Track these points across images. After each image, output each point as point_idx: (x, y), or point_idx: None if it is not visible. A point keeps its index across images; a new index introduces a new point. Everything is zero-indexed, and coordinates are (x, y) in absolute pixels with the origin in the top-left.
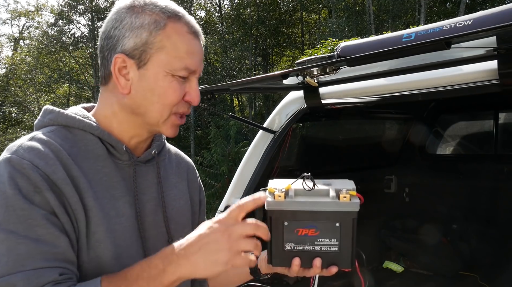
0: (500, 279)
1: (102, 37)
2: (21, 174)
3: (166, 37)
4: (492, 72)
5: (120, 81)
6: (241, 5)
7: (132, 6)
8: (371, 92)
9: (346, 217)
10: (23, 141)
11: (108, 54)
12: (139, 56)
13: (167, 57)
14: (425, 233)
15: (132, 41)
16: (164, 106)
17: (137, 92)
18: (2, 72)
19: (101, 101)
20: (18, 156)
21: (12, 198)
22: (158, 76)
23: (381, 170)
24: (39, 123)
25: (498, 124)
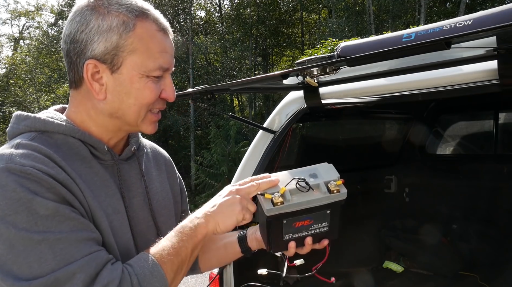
0: (500, 279)
1: (67, 40)
2: (28, 179)
3: (137, 38)
4: (492, 72)
5: (94, 87)
6: (241, 5)
7: (95, 7)
8: (371, 92)
9: (336, 205)
10: (10, 150)
11: (76, 58)
12: (111, 61)
13: (140, 58)
14: (425, 233)
15: (102, 45)
16: (141, 107)
17: (113, 97)
18: (2, 72)
19: (74, 105)
20: (17, 164)
21: (31, 202)
22: (133, 79)
23: (381, 170)
24: (13, 130)
25: (498, 124)
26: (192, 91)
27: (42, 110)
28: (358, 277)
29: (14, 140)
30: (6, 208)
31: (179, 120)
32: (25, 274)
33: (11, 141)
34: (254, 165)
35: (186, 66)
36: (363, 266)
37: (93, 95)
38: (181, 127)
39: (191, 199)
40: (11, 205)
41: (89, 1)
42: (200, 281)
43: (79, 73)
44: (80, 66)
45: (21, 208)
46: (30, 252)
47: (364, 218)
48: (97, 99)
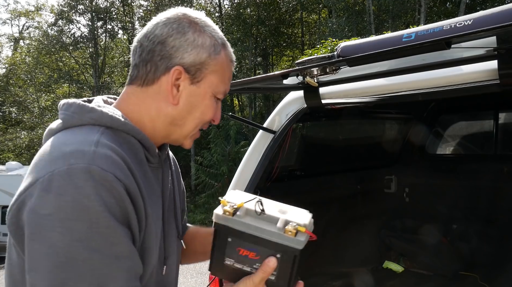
0: (500, 279)
1: (154, 40)
2: (106, 188)
3: (219, 62)
4: (492, 72)
5: (173, 92)
6: (241, 5)
7: (193, 22)
8: (371, 92)
9: (287, 251)
10: (92, 148)
11: (160, 59)
12: (194, 73)
13: (217, 80)
14: (425, 233)
15: (192, 57)
16: (201, 122)
17: (184, 105)
18: (2, 72)
19: (134, 103)
20: (99, 167)
21: (98, 215)
22: (206, 95)
23: (381, 170)
24: (74, 120)
25: (498, 124)
26: None
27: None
28: (358, 277)
29: (87, 133)
30: (70, 211)
31: None
32: (57, 284)
33: (81, 133)
34: (254, 165)
35: None
36: (363, 266)
37: (168, 98)
38: None
39: (191, 199)
40: (77, 211)
41: (187, 15)
42: (200, 281)
43: (156, 73)
44: (161, 67)
45: (85, 217)
46: (72, 266)
47: (364, 218)
48: (171, 103)
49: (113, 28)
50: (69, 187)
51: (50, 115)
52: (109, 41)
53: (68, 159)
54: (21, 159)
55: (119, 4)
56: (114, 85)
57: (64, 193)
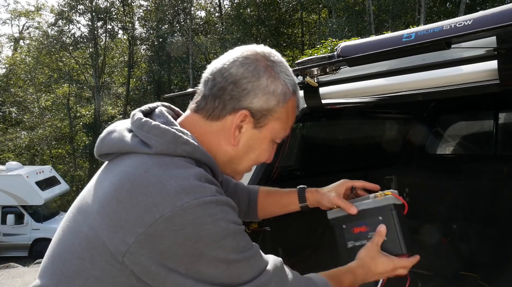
0: (500, 279)
1: (228, 78)
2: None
3: (285, 110)
4: (492, 72)
5: (235, 134)
6: (241, 5)
7: (269, 67)
8: (371, 92)
9: (384, 210)
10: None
11: (229, 99)
12: (259, 118)
13: (279, 127)
14: (425, 233)
15: (261, 103)
16: (254, 163)
17: (243, 147)
18: (2, 72)
19: (199, 132)
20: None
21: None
22: (265, 140)
23: (381, 170)
24: (168, 149)
25: (498, 124)
26: (192, 91)
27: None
28: None
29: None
30: (214, 234)
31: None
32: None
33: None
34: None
35: (186, 66)
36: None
37: (229, 137)
38: None
39: None
40: (220, 232)
41: (265, 56)
42: None
43: (223, 111)
44: (228, 107)
45: (227, 235)
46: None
47: None
48: (231, 143)
49: (113, 28)
50: (205, 217)
51: (50, 115)
52: (109, 41)
53: (193, 193)
54: (21, 159)
55: (119, 4)
56: (114, 85)
57: (202, 223)
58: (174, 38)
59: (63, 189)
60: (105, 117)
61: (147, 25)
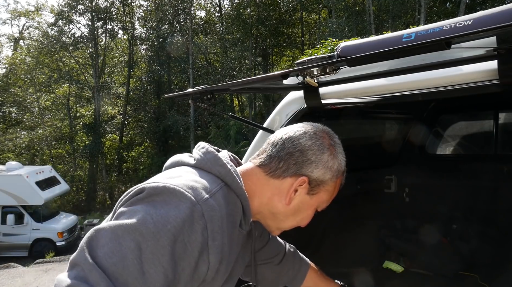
0: (500, 279)
1: (297, 146)
2: (191, 227)
3: (334, 186)
4: (492, 72)
5: (290, 194)
6: (241, 5)
7: (332, 146)
8: (371, 92)
9: None
10: (207, 194)
11: (294, 164)
12: (313, 186)
13: (325, 198)
14: (425, 233)
15: (319, 174)
16: (296, 224)
17: (293, 208)
18: (2, 72)
19: (255, 183)
20: (201, 211)
21: (167, 233)
22: (312, 207)
23: (381, 170)
24: (206, 165)
25: (498, 124)
26: (192, 91)
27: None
28: (358, 277)
29: (212, 183)
30: (154, 214)
31: (179, 120)
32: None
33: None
34: None
35: (186, 66)
36: (363, 266)
37: (284, 196)
38: (181, 127)
39: None
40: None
41: (330, 136)
42: None
43: (285, 173)
44: (291, 170)
45: (159, 226)
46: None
47: (364, 218)
48: (284, 202)
49: (113, 28)
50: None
51: (50, 115)
52: (109, 41)
53: (187, 187)
54: (21, 159)
55: (119, 4)
56: (114, 85)
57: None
58: (174, 38)
59: (63, 189)
60: (105, 117)
61: (147, 25)
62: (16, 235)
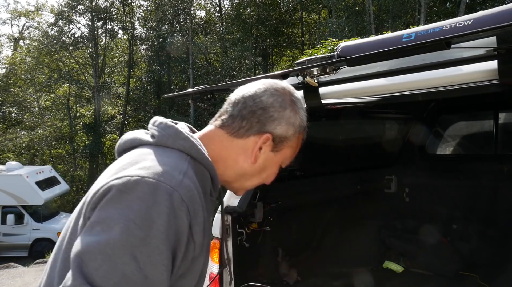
0: (500, 279)
1: (259, 104)
2: (175, 216)
3: (297, 141)
4: (492, 72)
5: (256, 153)
6: (241, 5)
7: (294, 102)
8: (371, 92)
9: None
10: (180, 175)
11: (256, 122)
12: (277, 143)
13: (288, 154)
14: (425, 233)
15: (282, 130)
16: (261, 182)
17: (258, 166)
18: (2, 72)
19: (219, 146)
20: (180, 196)
21: (157, 233)
22: (277, 164)
23: (381, 170)
24: (167, 141)
25: (498, 124)
26: (192, 91)
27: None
28: (358, 277)
29: (178, 161)
30: (139, 218)
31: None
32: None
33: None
34: None
35: (186, 66)
36: (363, 266)
37: (249, 155)
38: None
39: None
40: (144, 220)
41: (291, 93)
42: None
43: (248, 132)
44: (254, 129)
45: (146, 229)
46: (109, 262)
47: (364, 218)
48: (250, 160)
49: (113, 28)
50: (150, 198)
51: (50, 115)
52: (109, 41)
53: (159, 175)
54: (21, 159)
55: (119, 4)
56: (114, 85)
57: (143, 200)
58: (174, 38)
59: (63, 189)
60: (105, 117)
61: (147, 25)
62: (16, 235)
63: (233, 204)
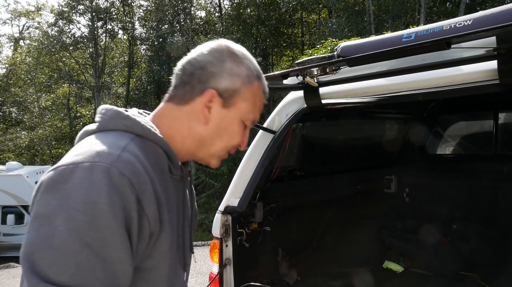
0: (500, 279)
1: (195, 65)
2: (118, 191)
3: (251, 92)
4: (492, 72)
5: (204, 113)
6: (241, 5)
7: (233, 53)
8: (371, 92)
9: None
10: (118, 151)
11: (198, 83)
12: (226, 98)
13: (246, 107)
14: (425, 233)
15: (226, 83)
16: (227, 145)
17: (213, 126)
18: (2, 72)
19: (169, 119)
20: (119, 170)
21: (102, 213)
22: (235, 121)
23: (381, 170)
24: (109, 123)
25: (498, 124)
26: None
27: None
28: (358, 277)
29: (117, 138)
30: (80, 202)
31: None
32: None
33: (112, 136)
34: (254, 165)
35: None
36: (363, 266)
37: (200, 117)
38: None
39: None
40: (84, 204)
41: (229, 47)
42: (200, 281)
43: (192, 94)
44: (197, 90)
45: (89, 212)
46: (60, 254)
47: (364, 218)
48: (201, 122)
49: (113, 28)
50: (86, 181)
51: (50, 115)
52: (109, 41)
53: (94, 157)
54: (21, 159)
55: (119, 4)
56: (114, 85)
57: (80, 184)
58: (174, 38)
59: None
60: None
61: (147, 25)
62: (16, 235)
63: (233, 204)
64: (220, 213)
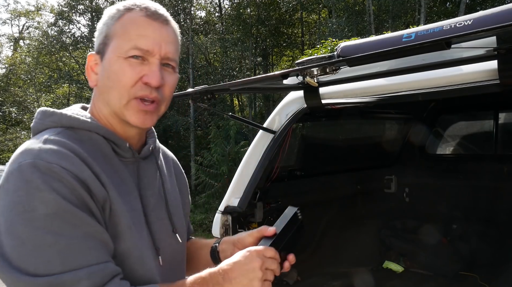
0: (500, 279)
1: None
2: (54, 178)
3: (119, 25)
4: (492, 72)
5: (91, 76)
6: (241, 5)
7: (110, 17)
8: (371, 92)
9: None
10: (38, 144)
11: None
12: (101, 50)
13: (118, 41)
14: (425, 233)
15: (99, 39)
16: (119, 90)
17: (100, 81)
18: (2, 72)
19: (93, 102)
20: (44, 161)
21: (52, 202)
22: (111, 61)
23: (381, 170)
24: (38, 125)
25: (498, 124)
26: (192, 91)
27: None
28: (358, 277)
29: (41, 135)
30: (26, 204)
31: (179, 120)
32: (30, 272)
33: (38, 135)
34: (254, 165)
35: (186, 66)
36: (363, 266)
37: (92, 84)
38: (181, 127)
39: (191, 199)
40: (32, 202)
41: (112, 8)
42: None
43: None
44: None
45: (41, 206)
46: (40, 253)
47: (364, 218)
48: (91, 86)
49: None
50: (21, 182)
51: None
52: None
53: (18, 159)
54: None
55: None
56: None
57: (18, 189)
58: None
59: None
60: None
61: None
62: None
63: (233, 204)
64: (220, 213)
